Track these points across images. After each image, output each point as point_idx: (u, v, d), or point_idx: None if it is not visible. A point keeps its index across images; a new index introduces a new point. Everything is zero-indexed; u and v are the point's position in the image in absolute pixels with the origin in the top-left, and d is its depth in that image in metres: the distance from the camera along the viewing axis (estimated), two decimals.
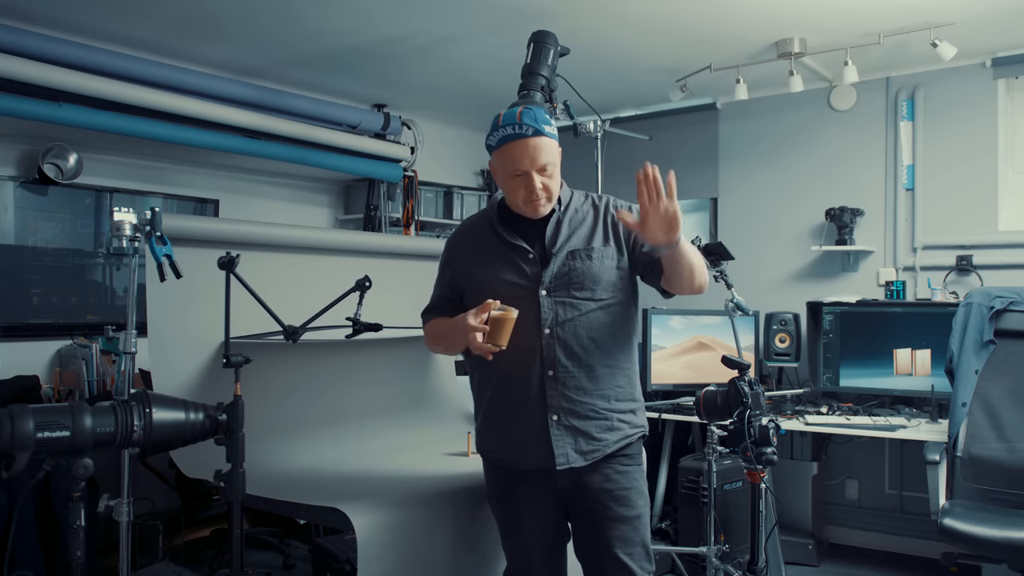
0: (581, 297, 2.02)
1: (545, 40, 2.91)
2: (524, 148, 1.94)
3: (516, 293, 2.01)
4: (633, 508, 2.06)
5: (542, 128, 1.96)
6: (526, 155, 1.95)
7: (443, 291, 2.20)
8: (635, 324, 2.15)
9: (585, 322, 2.02)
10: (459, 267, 2.16)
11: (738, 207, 4.71)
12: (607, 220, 2.09)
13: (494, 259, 2.08)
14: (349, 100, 4.67)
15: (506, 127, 1.95)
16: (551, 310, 2.01)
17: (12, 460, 1.71)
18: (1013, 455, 3.05)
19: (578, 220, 2.08)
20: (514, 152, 1.96)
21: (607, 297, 2.05)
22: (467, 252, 2.16)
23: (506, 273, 2.05)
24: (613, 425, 2.05)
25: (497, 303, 1.90)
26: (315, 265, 3.48)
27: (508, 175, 2.00)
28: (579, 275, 2.02)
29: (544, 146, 1.96)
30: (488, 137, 2.01)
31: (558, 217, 2.07)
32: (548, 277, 2.02)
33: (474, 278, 2.10)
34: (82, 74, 3.42)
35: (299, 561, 3.71)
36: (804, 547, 3.92)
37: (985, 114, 3.96)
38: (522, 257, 2.05)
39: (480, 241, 2.13)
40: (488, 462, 2.20)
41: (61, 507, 2.98)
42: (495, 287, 2.03)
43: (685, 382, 4.04)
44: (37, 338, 3.70)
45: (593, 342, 2.02)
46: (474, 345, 1.89)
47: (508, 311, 1.88)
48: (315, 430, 3.24)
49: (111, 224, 3.83)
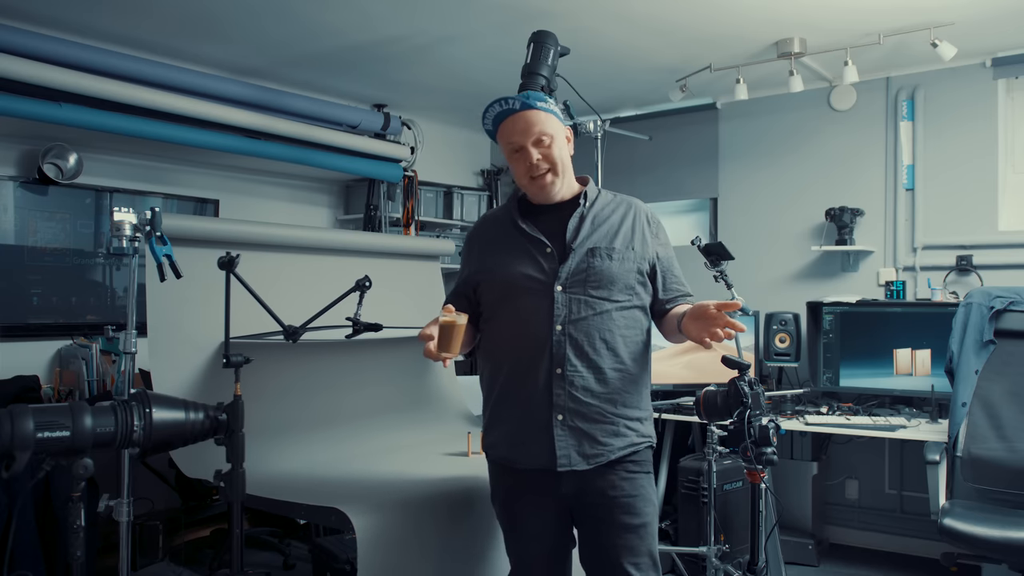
0: (597, 296, 1.98)
1: (545, 40, 2.91)
2: (514, 122, 1.99)
3: (530, 286, 1.99)
4: (639, 516, 2.01)
5: (532, 102, 1.99)
6: (517, 128, 1.99)
7: (457, 287, 2.18)
8: (647, 333, 2.11)
9: (599, 322, 1.98)
10: (475, 261, 2.14)
11: (738, 207, 4.71)
12: (635, 224, 2.06)
13: (511, 251, 2.05)
14: (349, 100, 4.67)
15: (494, 106, 2.01)
16: (565, 306, 1.97)
17: (12, 460, 1.71)
18: (1013, 455, 3.05)
19: (603, 218, 2.06)
20: (507, 128, 2.01)
21: (624, 299, 2.01)
22: (485, 244, 2.14)
23: (521, 266, 2.02)
24: (619, 431, 2.00)
25: (452, 309, 1.80)
26: (315, 265, 3.48)
27: (509, 155, 2.03)
28: (597, 273, 1.98)
29: (535, 118, 1.99)
30: (484, 123, 2.05)
31: (582, 212, 2.05)
32: (565, 273, 1.98)
33: (489, 270, 2.08)
34: (82, 74, 3.42)
35: (299, 561, 3.71)
36: (804, 547, 3.92)
37: (985, 114, 3.96)
38: (539, 250, 2.02)
39: (499, 233, 2.11)
40: (492, 462, 2.16)
41: (61, 507, 2.98)
42: (509, 279, 2.02)
43: (685, 382, 4.04)
44: (37, 338, 3.70)
45: (605, 343, 1.98)
46: (425, 353, 1.82)
47: (456, 318, 1.79)
48: (315, 430, 3.24)
49: (111, 224, 3.81)
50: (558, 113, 2.05)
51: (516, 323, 2.01)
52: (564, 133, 2.05)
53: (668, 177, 4.95)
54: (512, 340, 2.02)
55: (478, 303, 2.10)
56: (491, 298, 2.06)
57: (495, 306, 2.06)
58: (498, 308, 2.04)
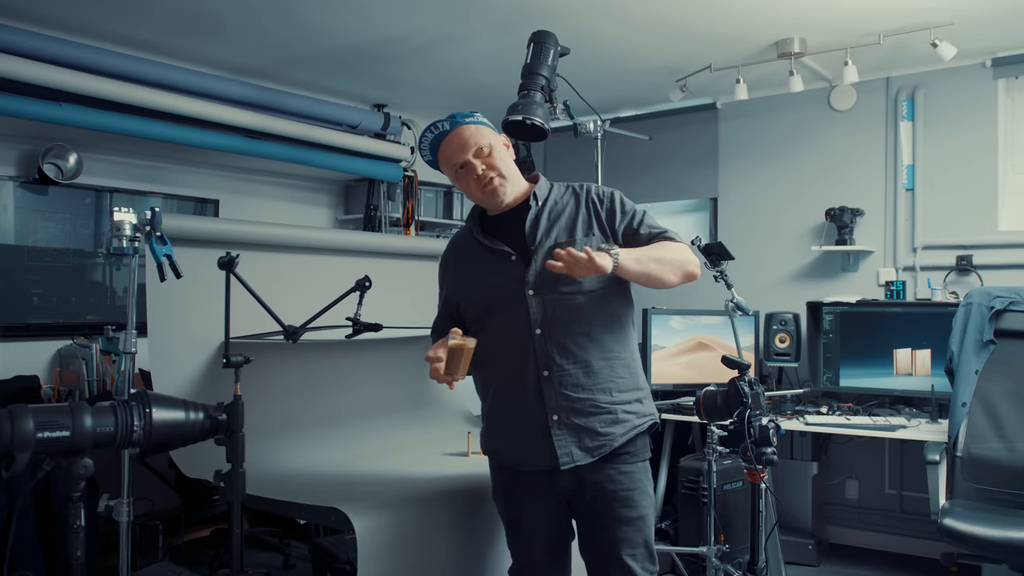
0: (568, 291, 2.00)
1: (545, 40, 2.91)
2: (450, 141, 2.03)
3: (503, 297, 2.03)
4: (637, 509, 2.05)
5: (459, 120, 2.04)
6: (455, 147, 2.03)
7: (441, 309, 2.25)
8: (629, 312, 2.13)
9: (576, 316, 2.00)
10: (451, 282, 2.20)
11: (738, 207, 4.71)
12: (590, 208, 2.08)
13: (480, 267, 2.10)
14: (349, 100, 4.67)
15: (426, 134, 2.06)
16: (539, 309, 2.00)
17: (12, 460, 1.71)
18: (1013, 455, 3.05)
19: (558, 212, 2.09)
20: (446, 151, 2.04)
21: (595, 287, 2.02)
22: (457, 265, 2.19)
23: (492, 279, 2.07)
24: (618, 418, 2.03)
25: (459, 332, 1.93)
26: (315, 265, 3.48)
27: (454, 176, 2.07)
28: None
29: (468, 132, 2.03)
30: (422, 155, 2.10)
31: (535, 213, 2.07)
32: (532, 276, 2.01)
33: (464, 290, 2.14)
34: (82, 74, 3.42)
35: (299, 561, 3.71)
36: (804, 547, 3.92)
37: (985, 114, 3.96)
38: (504, 261, 2.05)
39: (466, 253, 2.16)
40: (494, 462, 2.21)
41: (61, 507, 2.98)
42: (483, 295, 2.07)
43: (685, 382, 4.04)
44: (37, 338, 3.70)
45: (586, 336, 2.01)
46: (432, 375, 1.94)
47: (465, 342, 1.91)
48: (315, 430, 3.24)
49: (111, 224, 3.83)
50: (489, 123, 2.09)
51: (497, 335, 2.04)
52: (501, 140, 2.09)
53: (668, 177, 4.95)
54: (497, 351, 2.05)
55: (463, 321, 2.15)
56: (472, 315, 2.11)
57: (476, 322, 2.10)
58: (480, 323, 2.08)
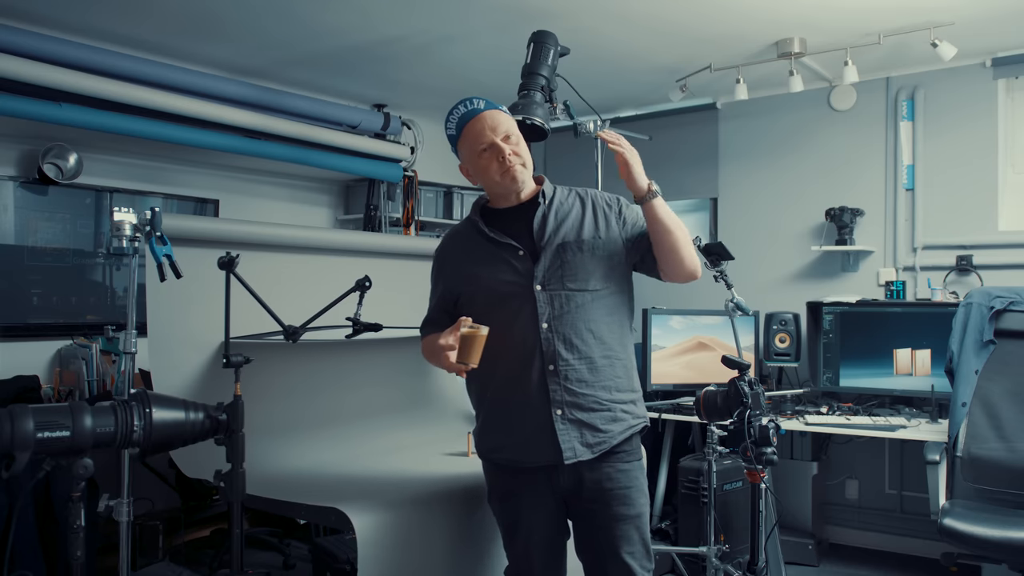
0: (576, 288, 2.02)
1: (545, 40, 2.91)
2: (482, 121, 2.03)
3: (511, 291, 2.03)
4: (634, 507, 2.07)
5: (493, 104, 2.05)
6: (486, 126, 2.02)
7: (436, 304, 2.22)
8: (630, 315, 2.16)
9: (582, 313, 2.03)
10: (450, 276, 2.17)
11: (738, 207, 4.71)
12: (597, 212, 2.11)
13: (485, 261, 2.09)
14: (349, 100, 4.67)
15: (458, 107, 2.05)
16: (547, 304, 2.01)
17: (12, 460, 1.71)
18: (1013, 455, 3.05)
19: (564, 212, 2.10)
20: (475, 128, 2.03)
21: (601, 287, 2.06)
22: (457, 259, 2.17)
23: (499, 273, 2.06)
24: (616, 416, 2.05)
25: (469, 320, 1.93)
26: (315, 265, 3.48)
27: (476, 154, 2.04)
28: (571, 267, 2.03)
29: (501, 117, 2.05)
30: (447, 128, 2.08)
31: (543, 211, 2.08)
32: (541, 271, 2.03)
33: (468, 283, 2.12)
34: (82, 74, 3.42)
35: (299, 561, 3.71)
36: (804, 547, 3.92)
37: (985, 114, 3.96)
38: (512, 255, 2.06)
39: (468, 246, 2.14)
40: (489, 463, 2.20)
41: (61, 507, 2.98)
42: (490, 288, 2.06)
43: (685, 382, 4.04)
44: (37, 338, 3.69)
45: (591, 333, 2.03)
46: (445, 364, 1.93)
47: (478, 329, 1.92)
48: (315, 430, 3.24)
49: (111, 224, 3.83)
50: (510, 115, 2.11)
51: (503, 328, 2.02)
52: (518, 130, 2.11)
53: (668, 177, 4.92)
54: (502, 345, 2.03)
55: (460, 317, 2.11)
56: (474, 310, 2.06)
57: (480, 317, 2.06)
58: (483, 318, 2.05)
